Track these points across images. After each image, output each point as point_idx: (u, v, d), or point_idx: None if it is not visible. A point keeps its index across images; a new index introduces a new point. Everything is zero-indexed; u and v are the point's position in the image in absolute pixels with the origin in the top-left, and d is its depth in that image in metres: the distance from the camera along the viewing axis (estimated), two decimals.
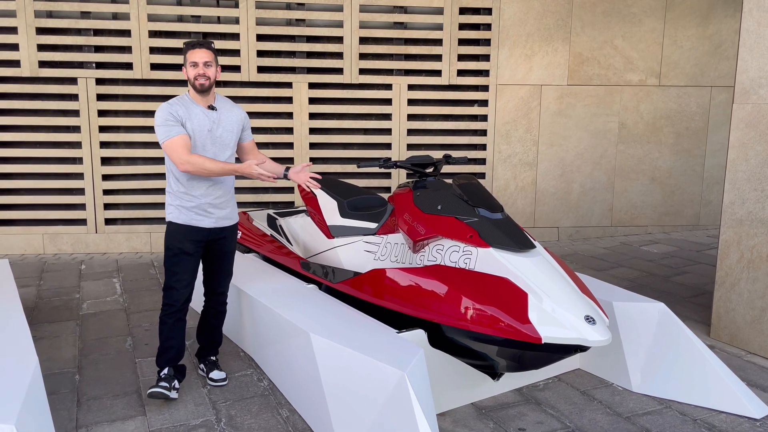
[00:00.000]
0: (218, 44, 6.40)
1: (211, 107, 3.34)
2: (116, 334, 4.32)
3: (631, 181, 7.35)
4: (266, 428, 3.09)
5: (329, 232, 4.28)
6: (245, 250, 5.03)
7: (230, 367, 3.80)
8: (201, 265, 3.56)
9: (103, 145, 6.45)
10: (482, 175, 7.07)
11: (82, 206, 6.51)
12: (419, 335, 3.16)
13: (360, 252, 4.03)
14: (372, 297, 3.45)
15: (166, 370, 3.36)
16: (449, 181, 3.63)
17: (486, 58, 6.87)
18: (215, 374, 3.59)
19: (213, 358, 3.71)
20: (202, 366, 3.70)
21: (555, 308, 2.90)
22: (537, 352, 2.95)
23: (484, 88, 6.92)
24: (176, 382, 3.36)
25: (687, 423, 3.17)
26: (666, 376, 3.44)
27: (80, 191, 6.48)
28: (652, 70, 7.17)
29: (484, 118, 6.99)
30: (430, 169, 3.89)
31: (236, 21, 6.44)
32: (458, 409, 3.30)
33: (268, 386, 3.55)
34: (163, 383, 3.28)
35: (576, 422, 3.18)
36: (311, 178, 3.40)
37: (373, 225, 4.02)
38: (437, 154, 6.88)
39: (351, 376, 2.84)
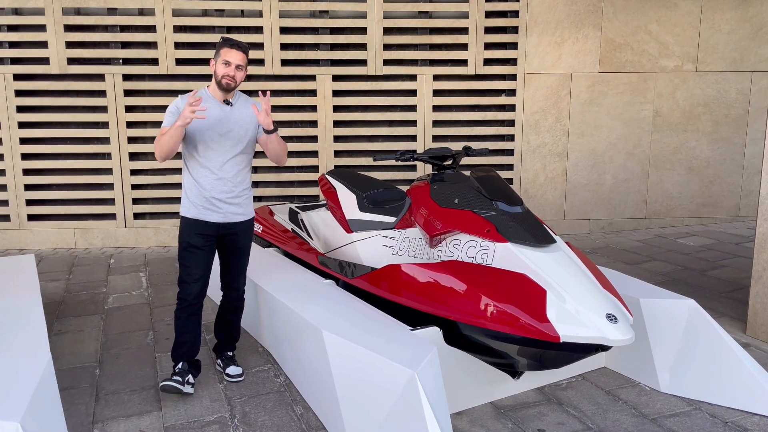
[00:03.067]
0: (242, 38, 6.39)
1: (227, 102, 3.35)
2: (139, 329, 4.35)
3: (666, 171, 7.10)
4: (279, 425, 3.06)
5: (348, 226, 4.22)
6: (265, 245, 5.01)
7: (248, 362, 3.78)
8: (218, 260, 3.59)
9: (131, 140, 6.52)
10: (510, 167, 6.91)
11: (111, 201, 6.60)
12: (434, 333, 3.08)
13: (378, 246, 3.96)
14: (387, 293, 3.38)
15: (180, 365, 3.37)
16: (468, 173, 3.53)
17: (513, 46, 6.70)
18: (231, 370, 3.59)
19: (230, 353, 3.70)
20: (219, 361, 3.70)
21: (575, 306, 2.78)
22: (557, 352, 2.84)
23: (512, 77, 6.76)
24: (190, 376, 3.37)
25: (717, 426, 3.02)
26: (696, 376, 3.28)
27: (109, 186, 6.57)
28: (689, 56, 6.89)
29: (511, 108, 6.82)
30: (449, 162, 3.79)
31: (260, 14, 6.42)
32: (476, 409, 3.21)
33: (284, 382, 3.51)
34: (176, 377, 3.29)
35: (599, 423, 3.06)
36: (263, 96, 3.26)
37: (391, 219, 3.95)
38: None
39: (362, 374, 2.78)
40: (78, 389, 3.45)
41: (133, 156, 6.54)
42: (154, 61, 6.40)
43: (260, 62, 6.48)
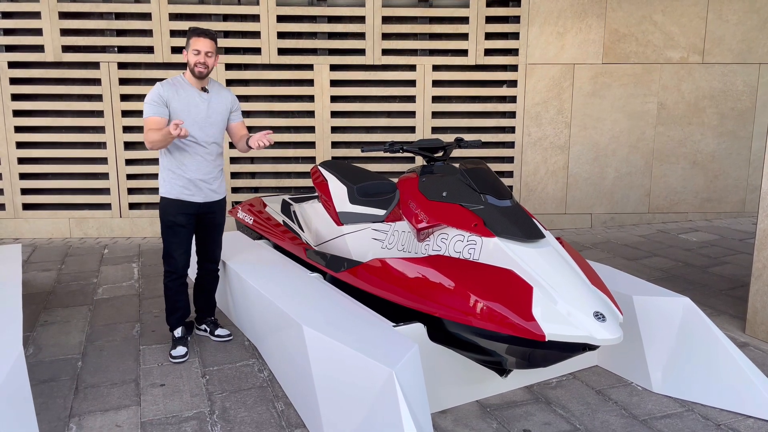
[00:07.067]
0: (238, 26, 6.30)
1: (204, 89, 3.56)
2: (126, 320, 4.29)
3: (670, 165, 6.96)
4: (259, 422, 2.99)
5: (338, 218, 4.13)
6: (256, 237, 4.94)
7: (233, 355, 3.72)
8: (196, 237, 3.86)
9: (126, 129, 6.45)
10: (510, 160, 6.80)
11: (106, 191, 6.55)
12: (417, 329, 3.00)
13: (368, 240, 3.88)
14: (372, 287, 3.30)
15: (179, 331, 3.74)
16: (457, 165, 3.44)
17: (515, 36, 6.56)
18: (220, 331, 3.94)
19: (213, 318, 4.02)
20: (204, 327, 4.00)
21: (562, 303, 2.69)
22: (543, 350, 2.75)
23: (513, 68, 6.63)
24: (188, 338, 3.79)
25: (710, 428, 2.92)
26: (689, 376, 3.19)
27: (105, 176, 6.51)
28: (695, 47, 6.73)
29: (513, 99, 6.70)
30: (440, 154, 3.69)
31: (256, 2, 6.32)
32: (461, 407, 3.13)
33: (267, 377, 3.45)
34: (180, 347, 3.67)
35: (587, 424, 2.98)
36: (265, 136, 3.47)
37: (381, 212, 3.86)
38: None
39: (342, 371, 2.70)
40: (58, 382, 3.40)
41: (129, 145, 6.48)
42: (149, 50, 6.33)
43: (257, 51, 6.39)
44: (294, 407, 3.12)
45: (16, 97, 6.30)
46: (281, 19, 6.37)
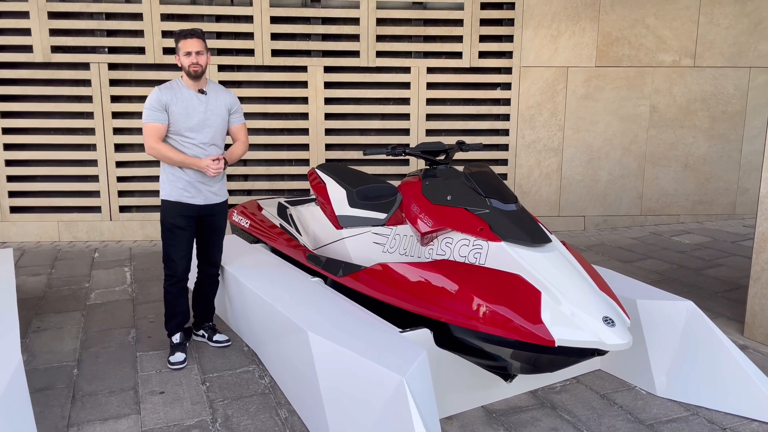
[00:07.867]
0: (231, 27, 6.24)
1: (202, 91, 3.52)
2: (120, 326, 4.22)
3: (662, 167, 7.00)
4: (262, 430, 2.94)
5: (338, 222, 4.09)
6: (253, 241, 4.88)
7: (232, 361, 3.66)
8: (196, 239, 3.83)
9: (117, 131, 6.35)
10: (504, 162, 6.80)
11: (96, 193, 6.45)
12: (424, 335, 2.97)
13: (368, 244, 3.84)
14: (376, 292, 3.26)
15: (177, 337, 3.68)
16: (461, 168, 3.42)
17: (509, 39, 6.56)
18: (218, 336, 3.89)
19: (211, 323, 3.97)
20: (202, 333, 3.95)
21: (571, 308, 2.67)
22: (551, 356, 2.73)
23: (507, 71, 6.63)
24: (187, 344, 3.75)
25: None
26: (694, 380, 3.19)
27: (94, 178, 6.41)
28: (687, 50, 6.78)
29: (507, 102, 6.70)
30: (442, 157, 3.67)
31: (250, 3, 6.26)
32: (467, 413, 3.11)
33: (269, 384, 3.39)
34: (179, 353, 3.62)
35: (593, 429, 2.96)
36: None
37: (382, 215, 3.82)
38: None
39: (349, 378, 2.66)
40: (54, 390, 3.32)
41: (119, 147, 6.38)
42: (140, 50, 6.24)
43: (250, 52, 6.33)
44: (298, 415, 3.07)
45: (3, 98, 6.18)
46: (275, 20, 6.31)
